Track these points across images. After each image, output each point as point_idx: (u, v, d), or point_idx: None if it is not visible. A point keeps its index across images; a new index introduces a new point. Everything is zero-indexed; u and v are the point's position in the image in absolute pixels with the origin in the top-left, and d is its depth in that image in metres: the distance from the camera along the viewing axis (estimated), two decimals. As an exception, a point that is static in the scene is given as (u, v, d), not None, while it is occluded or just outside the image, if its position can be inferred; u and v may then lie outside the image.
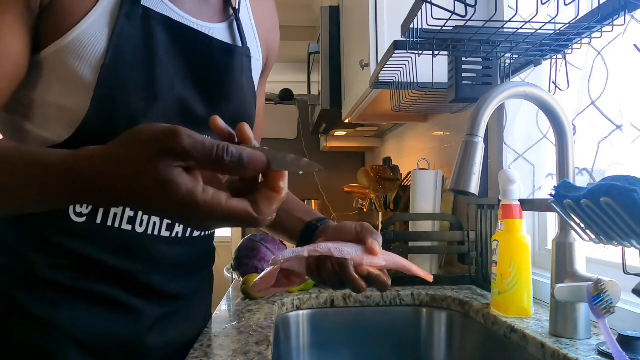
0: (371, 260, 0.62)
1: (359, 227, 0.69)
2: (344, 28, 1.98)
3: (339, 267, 0.61)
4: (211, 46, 0.76)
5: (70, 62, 0.65)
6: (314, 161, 0.47)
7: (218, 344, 0.79)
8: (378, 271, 0.62)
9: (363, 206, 2.34)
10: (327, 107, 2.08)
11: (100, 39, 0.66)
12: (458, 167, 0.74)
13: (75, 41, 0.65)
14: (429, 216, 1.38)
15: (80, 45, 0.65)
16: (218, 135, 0.47)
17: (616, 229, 0.58)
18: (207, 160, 0.41)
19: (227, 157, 0.41)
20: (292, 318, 1.11)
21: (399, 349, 1.14)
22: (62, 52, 0.65)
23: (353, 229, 0.69)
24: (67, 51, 0.65)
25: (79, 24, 0.65)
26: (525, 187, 1.12)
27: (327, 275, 0.62)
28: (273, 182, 0.45)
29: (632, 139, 0.82)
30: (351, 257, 0.61)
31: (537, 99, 0.79)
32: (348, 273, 0.61)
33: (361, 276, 0.61)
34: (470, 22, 0.79)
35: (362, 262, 0.61)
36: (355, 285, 0.61)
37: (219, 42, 0.77)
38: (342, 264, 0.61)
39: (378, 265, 0.62)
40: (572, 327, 0.77)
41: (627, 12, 0.71)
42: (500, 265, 0.91)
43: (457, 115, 1.44)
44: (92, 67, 0.65)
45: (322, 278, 0.63)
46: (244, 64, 0.81)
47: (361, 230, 0.68)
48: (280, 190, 0.45)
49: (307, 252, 0.62)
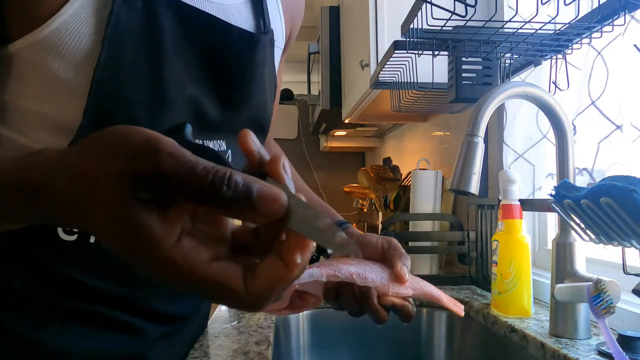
0: (397, 290, 0.55)
1: (386, 245, 0.60)
2: (344, 28, 1.98)
3: (361, 295, 0.54)
4: (230, 36, 0.63)
5: (48, 60, 0.52)
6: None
7: (218, 344, 0.79)
8: (403, 301, 0.55)
9: (363, 206, 2.34)
10: (327, 107, 2.08)
11: (87, 30, 0.53)
12: (458, 167, 0.74)
13: (54, 34, 0.52)
14: (429, 216, 1.38)
15: (62, 38, 0.52)
16: (247, 157, 0.33)
17: (616, 229, 0.58)
18: (196, 192, 0.28)
19: (228, 190, 0.28)
20: (292, 318, 1.11)
21: (399, 349, 1.13)
22: (37, 47, 0.52)
23: (379, 245, 0.60)
24: (44, 46, 0.52)
25: (59, 12, 0.51)
26: (525, 187, 1.12)
27: (346, 302, 0.55)
28: (286, 250, 0.30)
29: (632, 139, 0.82)
30: (375, 285, 0.54)
31: (537, 99, 0.79)
32: (371, 304, 0.53)
33: (384, 306, 0.54)
34: (470, 22, 0.79)
35: (387, 292, 0.54)
36: (378, 317, 0.54)
37: (239, 31, 0.64)
38: (365, 292, 0.54)
39: (404, 295, 0.55)
40: (572, 327, 0.77)
41: (627, 12, 0.71)
42: (500, 265, 0.91)
43: (457, 115, 1.44)
44: (78, 67, 0.53)
45: (341, 304, 0.56)
46: (267, 55, 0.69)
47: (388, 248, 0.60)
48: (292, 266, 0.30)
49: (326, 277, 0.54)
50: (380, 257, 0.59)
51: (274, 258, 0.30)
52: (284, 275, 0.30)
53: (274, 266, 0.30)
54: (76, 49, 0.52)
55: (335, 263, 0.55)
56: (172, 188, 0.28)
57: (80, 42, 0.52)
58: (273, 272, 0.30)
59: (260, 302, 0.30)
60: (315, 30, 2.37)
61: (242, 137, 0.33)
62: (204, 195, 0.28)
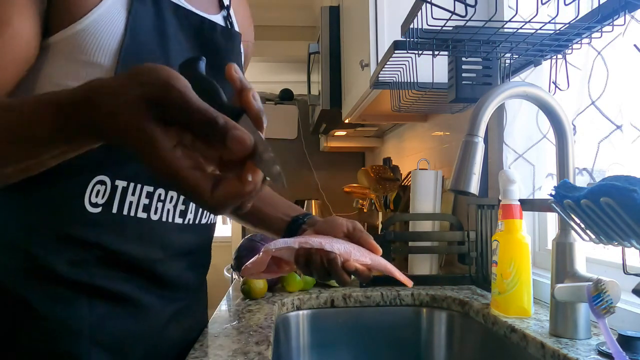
0: (358, 258, 0.67)
1: (351, 227, 0.73)
2: (344, 28, 1.98)
3: (328, 261, 0.66)
4: (215, 31, 0.78)
5: (86, 47, 0.64)
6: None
7: (218, 344, 0.79)
8: (363, 267, 0.67)
9: (363, 206, 2.34)
10: (327, 107, 2.08)
11: (119, 21, 0.66)
12: (458, 167, 0.74)
13: (92, 25, 0.64)
14: (429, 216, 1.38)
15: (98, 29, 0.64)
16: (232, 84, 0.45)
17: (616, 229, 0.58)
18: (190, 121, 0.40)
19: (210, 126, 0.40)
20: (292, 318, 1.11)
21: (399, 349, 1.14)
22: (76, 37, 0.64)
23: (344, 225, 0.73)
24: (82, 36, 0.64)
25: (96, 7, 0.64)
26: (525, 187, 1.12)
27: (314, 267, 0.67)
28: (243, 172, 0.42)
29: (632, 139, 0.82)
30: (340, 252, 0.66)
31: (537, 99, 0.79)
32: (336, 268, 0.66)
33: (348, 271, 0.66)
34: (470, 22, 0.79)
35: (349, 258, 0.66)
36: (342, 279, 0.66)
37: (221, 27, 0.80)
38: (332, 258, 0.65)
39: (364, 263, 0.67)
40: (572, 327, 0.77)
41: (627, 12, 0.71)
42: (500, 265, 0.91)
43: (457, 115, 1.44)
44: (110, 51, 0.65)
45: (309, 269, 0.67)
46: (241, 51, 0.85)
47: (354, 230, 0.73)
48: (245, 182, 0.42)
49: (298, 243, 0.66)
50: (346, 236, 0.72)
51: (233, 177, 0.42)
52: (239, 188, 0.41)
53: (233, 181, 0.41)
54: (109, 35, 0.65)
55: (306, 235, 0.69)
56: (174, 112, 0.40)
57: (112, 30, 0.65)
58: (232, 185, 0.41)
59: (220, 206, 0.41)
60: (315, 30, 2.37)
61: (228, 68, 0.44)
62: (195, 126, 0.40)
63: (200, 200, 0.41)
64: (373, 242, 0.70)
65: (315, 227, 0.77)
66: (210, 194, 0.40)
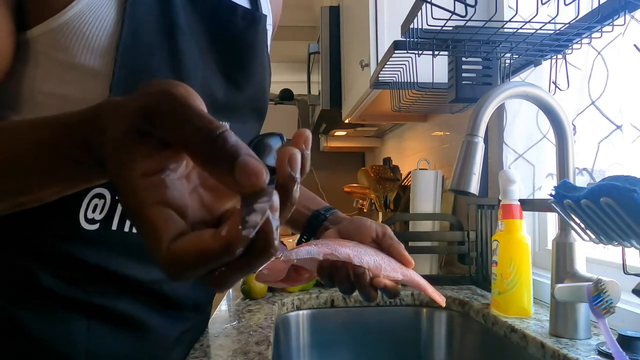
0: (389, 273, 0.58)
1: (381, 232, 0.63)
2: (344, 28, 1.98)
3: (355, 276, 0.57)
4: (235, 15, 0.66)
5: (69, 45, 0.54)
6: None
7: (218, 344, 0.79)
8: (393, 284, 0.58)
9: (363, 206, 2.34)
10: (327, 107, 2.08)
11: (109, 13, 0.55)
12: (458, 167, 0.74)
13: (74, 19, 0.54)
14: (429, 216, 1.38)
15: (82, 23, 0.54)
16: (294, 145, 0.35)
17: (616, 229, 0.58)
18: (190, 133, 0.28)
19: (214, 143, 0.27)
20: (292, 318, 1.11)
21: (399, 349, 1.14)
22: (56, 33, 0.54)
23: (373, 230, 0.64)
24: (64, 32, 0.54)
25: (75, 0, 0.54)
26: (525, 187, 1.12)
27: (339, 281, 0.58)
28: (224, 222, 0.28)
29: (632, 139, 0.82)
30: (369, 266, 0.57)
31: (537, 99, 0.79)
32: (364, 284, 0.57)
33: (376, 287, 0.57)
34: (470, 22, 0.79)
35: (379, 274, 0.58)
36: (369, 295, 0.57)
37: (243, 10, 0.67)
38: (360, 273, 0.56)
39: (394, 279, 0.59)
40: (572, 327, 0.77)
41: (627, 12, 0.71)
42: (500, 265, 0.91)
43: (457, 115, 1.44)
44: (99, 49, 0.55)
45: (334, 282, 0.58)
46: (265, 37, 0.72)
47: (383, 237, 0.63)
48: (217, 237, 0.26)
49: (323, 255, 0.57)
50: (372, 242, 0.62)
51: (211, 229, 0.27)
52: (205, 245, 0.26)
53: (201, 235, 0.27)
54: (98, 31, 0.54)
55: (332, 243, 0.59)
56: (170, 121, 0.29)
57: (101, 24, 0.55)
58: (196, 239, 0.27)
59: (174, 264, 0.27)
60: (315, 30, 2.37)
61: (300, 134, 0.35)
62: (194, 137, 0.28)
63: (153, 250, 0.28)
64: (405, 254, 0.61)
65: (339, 226, 0.68)
66: (167, 244, 0.27)
